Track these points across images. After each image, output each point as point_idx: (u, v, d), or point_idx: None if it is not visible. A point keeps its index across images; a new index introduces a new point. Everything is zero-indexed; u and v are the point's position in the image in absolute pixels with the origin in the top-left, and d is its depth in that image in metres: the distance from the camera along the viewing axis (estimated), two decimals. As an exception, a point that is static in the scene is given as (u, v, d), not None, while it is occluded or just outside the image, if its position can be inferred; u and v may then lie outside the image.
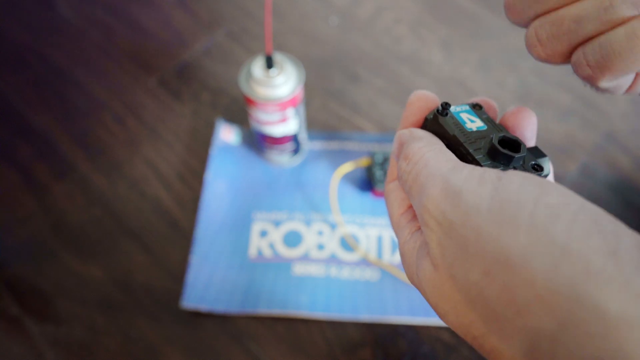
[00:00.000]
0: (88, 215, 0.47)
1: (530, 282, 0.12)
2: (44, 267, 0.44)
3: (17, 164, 0.50)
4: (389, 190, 0.21)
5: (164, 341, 0.40)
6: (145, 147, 0.51)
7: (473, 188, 0.14)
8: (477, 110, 0.20)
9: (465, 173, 0.15)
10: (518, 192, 0.14)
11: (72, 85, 0.56)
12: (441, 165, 0.16)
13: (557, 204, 0.13)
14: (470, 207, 0.14)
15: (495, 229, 0.13)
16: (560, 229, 0.12)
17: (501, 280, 0.13)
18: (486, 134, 0.18)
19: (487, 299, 0.13)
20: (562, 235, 0.12)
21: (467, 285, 0.14)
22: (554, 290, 0.12)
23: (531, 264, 0.12)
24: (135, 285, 0.43)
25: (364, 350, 0.40)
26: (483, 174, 0.15)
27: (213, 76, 0.56)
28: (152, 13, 0.62)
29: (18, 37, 0.60)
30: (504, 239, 0.13)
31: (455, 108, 0.20)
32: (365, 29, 0.60)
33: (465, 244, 0.14)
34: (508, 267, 0.13)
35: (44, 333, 0.41)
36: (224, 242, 0.44)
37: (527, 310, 0.12)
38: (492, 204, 0.14)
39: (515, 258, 0.13)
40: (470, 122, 0.19)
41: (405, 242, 0.18)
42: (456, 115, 0.19)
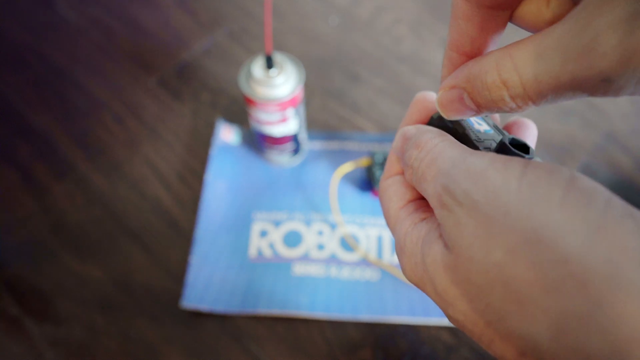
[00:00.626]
0: (88, 216, 0.47)
1: (563, 260, 0.12)
2: (44, 267, 0.44)
3: (16, 164, 0.50)
4: (386, 186, 0.20)
5: (163, 341, 0.40)
6: (145, 147, 0.51)
7: (499, 168, 0.14)
8: (484, 117, 0.20)
9: (489, 156, 0.15)
10: (548, 176, 0.13)
11: (71, 85, 0.56)
12: (460, 149, 0.16)
13: (589, 188, 0.13)
14: (498, 187, 0.14)
15: (526, 208, 0.13)
16: (595, 209, 0.12)
17: (529, 258, 0.12)
18: (493, 136, 0.19)
19: (510, 279, 0.13)
20: (597, 216, 0.12)
21: (487, 266, 0.13)
22: (589, 268, 0.11)
23: (565, 241, 0.12)
24: (135, 285, 0.43)
25: (364, 351, 0.40)
26: (507, 160, 0.14)
27: (213, 76, 0.56)
28: (152, 13, 0.62)
29: (18, 37, 0.60)
30: (536, 217, 0.13)
31: None
32: (365, 29, 0.60)
33: (490, 223, 0.13)
34: (539, 244, 0.12)
35: (44, 333, 0.41)
36: (224, 242, 0.44)
37: (558, 289, 0.12)
38: (522, 184, 0.13)
39: (547, 234, 0.12)
40: (478, 125, 0.19)
41: (406, 233, 0.18)
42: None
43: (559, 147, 0.50)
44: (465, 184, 0.14)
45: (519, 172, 0.14)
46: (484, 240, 0.13)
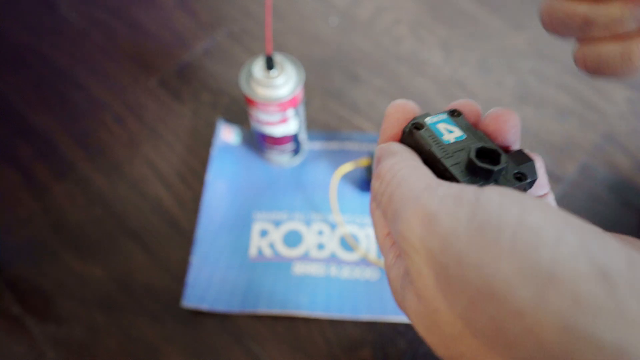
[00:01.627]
0: (88, 215, 0.47)
1: (517, 315, 0.11)
2: (45, 267, 0.44)
3: (17, 164, 0.50)
4: (372, 210, 0.20)
5: (164, 341, 0.40)
6: (146, 147, 0.51)
7: (449, 210, 0.13)
8: (455, 118, 0.19)
9: (440, 193, 0.14)
10: (498, 213, 0.13)
11: (72, 85, 0.56)
12: (415, 186, 0.15)
13: (539, 224, 0.12)
14: (448, 232, 0.13)
15: (476, 256, 0.12)
16: (545, 253, 0.12)
17: (488, 312, 0.12)
18: (465, 144, 0.17)
19: (476, 331, 0.13)
20: (547, 261, 0.12)
21: (453, 318, 0.13)
22: (544, 323, 0.11)
23: (517, 295, 0.12)
24: (135, 285, 0.43)
25: (364, 350, 0.40)
26: (459, 194, 0.14)
27: (213, 76, 0.56)
28: (152, 13, 0.62)
29: (19, 38, 0.60)
30: (486, 267, 0.12)
31: (432, 119, 0.19)
32: (365, 30, 0.60)
33: (447, 273, 0.13)
34: (493, 298, 0.12)
35: (45, 333, 0.41)
36: (225, 241, 0.45)
37: (519, 344, 0.12)
38: (470, 228, 0.13)
39: (499, 288, 0.12)
40: (448, 133, 0.18)
41: (390, 267, 0.17)
42: (432, 127, 0.18)
43: (558, 147, 0.51)
44: (419, 231, 0.14)
45: (469, 213, 0.13)
46: (445, 292, 0.13)
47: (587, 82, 0.55)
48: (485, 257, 0.12)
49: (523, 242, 0.12)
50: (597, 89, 0.54)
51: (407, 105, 0.19)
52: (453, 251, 0.13)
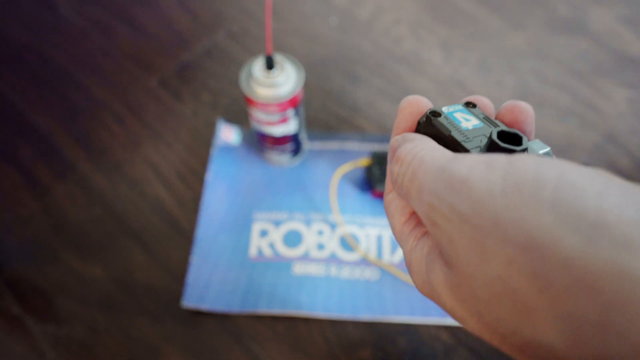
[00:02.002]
0: (89, 215, 0.47)
1: (565, 265, 0.11)
2: (45, 267, 0.44)
3: (18, 164, 0.50)
4: (388, 202, 0.20)
5: (164, 341, 0.40)
6: (146, 147, 0.51)
7: (481, 174, 0.13)
8: (471, 108, 0.19)
9: (468, 161, 0.14)
10: (535, 173, 0.12)
11: (72, 85, 0.56)
12: (438, 159, 0.15)
13: (580, 180, 0.12)
14: (481, 195, 0.13)
15: (515, 213, 0.12)
16: (590, 203, 0.11)
17: (529, 268, 0.11)
18: (484, 131, 0.17)
19: (515, 292, 0.12)
20: (593, 209, 0.11)
21: (489, 281, 0.13)
22: (594, 270, 0.11)
23: (564, 244, 0.11)
24: (135, 285, 0.43)
25: (364, 350, 0.40)
26: (490, 160, 0.13)
27: (213, 76, 0.56)
28: (152, 14, 0.62)
29: (19, 38, 0.60)
30: (526, 222, 0.12)
31: (448, 108, 0.19)
32: (365, 30, 0.60)
33: (482, 236, 0.13)
34: (536, 251, 0.11)
35: (45, 332, 0.41)
36: (225, 241, 0.45)
37: (566, 298, 0.11)
38: (506, 188, 0.12)
39: (543, 240, 0.11)
40: (466, 121, 0.18)
41: (411, 250, 0.17)
42: (450, 116, 0.18)
43: (559, 147, 0.51)
44: (450, 198, 0.13)
45: (502, 174, 0.13)
46: (481, 254, 0.13)
47: (587, 82, 0.55)
48: (525, 212, 0.12)
49: (566, 195, 0.12)
50: (597, 89, 0.54)
51: (421, 100, 0.19)
52: (488, 212, 0.12)
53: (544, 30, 0.59)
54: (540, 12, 0.61)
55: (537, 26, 0.60)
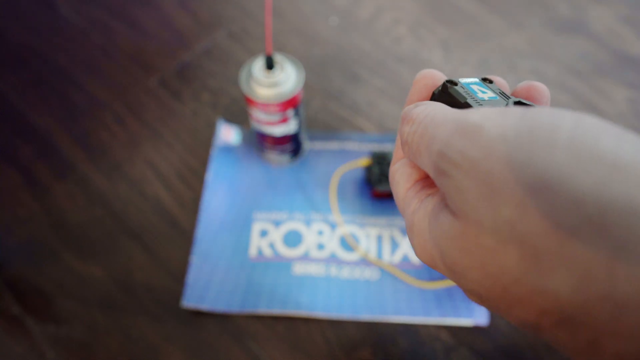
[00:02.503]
0: (88, 215, 0.47)
1: (577, 204, 0.11)
2: (45, 267, 0.44)
3: (18, 164, 0.50)
4: (393, 171, 0.19)
5: (164, 341, 0.40)
6: (146, 147, 0.51)
7: (495, 121, 0.13)
8: (487, 83, 0.19)
9: (482, 110, 0.14)
10: (550, 120, 0.12)
11: (72, 85, 0.56)
12: (451, 114, 0.15)
13: (598, 125, 0.12)
14: (494, 138, 0.12)
15: (527, 154, 0.12)
16: (606, 144, 0.11)
17: (540, 208, 0.11)
18: (499, 103, 0.17)
19: (523, 235, 0.12)
20: (609, 150, 0.11)
21: (497, 225, 0.12)
22: (608, 210, 0.10)
23: (577, 183, 0.11)
24: (135, 285, 0.43)
25: (364, 350, 0.40)
26: (505, 109, 0.13)
27: (213, 76, 0.56)
28: (152, 13, 0.62)
29: (19, 38, 0.60)
30: (540, 162, 0.11)
31: (465, 80, 0.19)
32: (365, 30, 0.60)
33: (492, 179, 0.12)
34: (548, 191, 0.11)
35: (45, 332, 0.41)
36: (225, 241, 0.45)
37: (576, 237, 0.11)
38: (521, 130, 0.12)
39: (555, 180, 0.11)
40: (482, 93, 0.18)
41: (413, 212, 0.17)
42: (466, 86, 0.18)
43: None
44: (460, 143, 0.13)
45: (517, 120, 0.12)
46: (489, 199, 0.12)
47: (587, 82, 0.55)
48: (539, 153, 0.12)
49: (582, 137, 0.11)
50: (597, 89, 0.54)
51: (436, 73, 0.19)
52: (499, 155, 0.12)
53: (544, 29, 0.59)
54: (541, 12, 0.61)
55: (537, 26, 0.60)
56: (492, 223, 0.12)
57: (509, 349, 0.39)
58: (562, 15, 0.60)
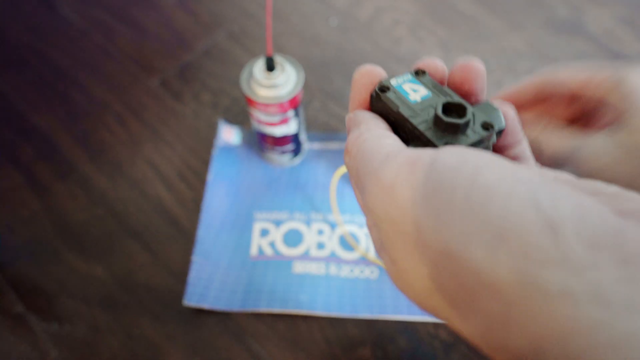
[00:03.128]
0: (90, 215, 0.47)
1: (473, 271, 0.12)
2: (47, 266, 0.44)
3: (19, 164, 0.50)
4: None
5: (165, 339, 0.41)
6: (147, 147, 0.51)
7: (405, 179, 0.14)
8: (420, 77, 0.19)
9: (397, 163, 0.15)
10: (451, 175, 0.13)
11: (73, 85, 0.56)
12: (376, 157, 0.16)
13: (491, 181, 0.12)
14: (405, 201, 0.14)
15: (432, 220, 0.13)
16: (495, 209, 0.12)
17: (449, 270, 0.13)
18: (432, 102, 0.18)
19: (442, 287, 0.13)
20: (496, 216, 0.12)
21: (421, 278, 0.14)
22: (496, 277, 0.12)
23: (471, 252, 0.12)
24: (137, 284, 0.43)
25: (364, 349, 0.40)
26: (415, 160, 0.14)
27: (214, 77, 0.56)
28: (153, 14, 0.62)
29: (20, 38, 0.60)
30: (442, 231, 0.13)
31: (397, 80, 0.19)
32: (365, 31, 0.60)
33: (410, 240, 0.14)
34: (450, 257, 0.13)
35: (47, 331, 0.41)
36: (226, 241, 0.45)
37: (477, 297, 0.12)
38: (426, 193, 0.13)
39: (454, 247, 0.12)
40: (414, 93, 0.18)
41: (370, 228, 0.18)
42: (398, 89, 0.18)
43: (556, 147, 0.51)
44: (381, 203, 0.14)
45: (423, 178, 0.14)
46: (411, 256, 0.14)
47: (585, 82, 0.55)
48: (441, 220, 0.13)
49: (475, 201, 0.12)
50: (595, 90, 0.54)
51: (373, 70, 0.19)
52: (411, 219, 0.14)
53: (542, 30, 0.60)
54: (539, 13, 0.61)
55: (536, 27, 0.60)
56: (418, 275, 0.14)
57: (507, 347, 0.40)
58: (560, 16, 0.61)
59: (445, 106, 0.17)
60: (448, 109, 0.17)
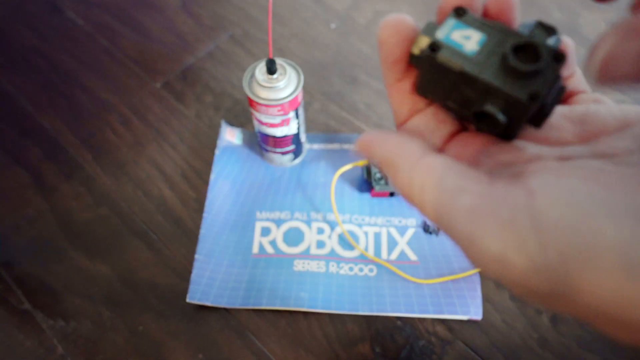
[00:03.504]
0: (95, 214, 0.48)
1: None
2: (53, 265, 0.45)
3: (26, 164, 0.51)
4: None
5: (168, 336, 0.41)
6: (150, 148, 0.52)
7: (517, 250, 0.12)
8: (464, 18, 0.16)
9: (494, 225, 0.12)
10: (568, 240, 0.12)
11: (79, 88, 0.57)
12: (453, 218, 0.14)
13: (612, 240, 0.11)
14: (522, 272, 0.12)
15: (556, 287, 0.12)
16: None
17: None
18: (490, 46, 0.15)
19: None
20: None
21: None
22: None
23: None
24: (140, 281, 0.44)
25: (363, 345, 0.41)
26: (513, 220, 0.12)
27: (216, 79, 0.57)
28: (157, 18, 0.63)
29: (28, 42, 0.61)
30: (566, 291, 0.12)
31: (442, 31, 0.15)
32: (364, 34, 0.61)
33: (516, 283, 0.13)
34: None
35: (53, 328, 0.42)
36: (228, 239, 0.46)
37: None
38: (550, 258, 0.12)
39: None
40: (467, 40, 0.15)
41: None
42: (449, 42, 0.15)
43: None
44: (493, 272, 0.13)
45: (537, 249, 0.12)
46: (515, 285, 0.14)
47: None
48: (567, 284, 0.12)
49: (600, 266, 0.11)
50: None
51: (403, 21, 0.16)
52: (532, 286, 0.12)
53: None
54: (535, 17, 0.62)
55: (532, 30, 0.60)
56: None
57: (503, 342, 0.40)
58: (555, 19, 0.62)
59: (515, 49, 0.14)
60: (518, 51, 0.14)
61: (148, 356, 0.40)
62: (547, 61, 0.14)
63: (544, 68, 0.14)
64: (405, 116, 0.18)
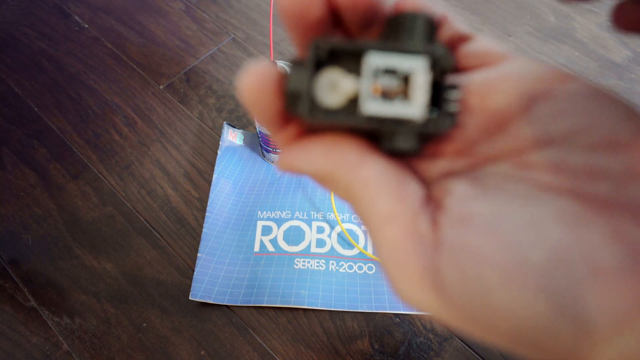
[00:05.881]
0: (101, 213, 0.47)
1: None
2: (59, 263, 0.44)
3: (34, 164, 0.50)
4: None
5: (172, 332, 0.41)
6: (154, 148, 0.51)
7: (428, 301, 0.11)
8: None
9: (411, 277, 0.11)
10: (463, 300, 0.11)
11: (86, 90, 0.56)
12: (390, 263, 0.12)
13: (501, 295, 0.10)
14: (433, 312, 0.12)
15: (459, 320, 0.12)
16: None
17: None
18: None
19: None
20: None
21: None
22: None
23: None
24: (144, 279, 0.43)
25: (362, 341, 0.40)
26: (435, 276, 0.11)
27: (219, 81, 0.56)
28: (161, 22, 0.62)
29: (36, 45, 0.60)
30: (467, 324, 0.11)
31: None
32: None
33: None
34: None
35: (60, 324, 0.41)
36: (230, 238, 0.45)
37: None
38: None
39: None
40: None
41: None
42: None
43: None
44: (409, 305, 0.12)
45: (442, 302, 0.11)
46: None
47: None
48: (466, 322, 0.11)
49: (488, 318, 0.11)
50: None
51: (263, 76, 0.11)
52: (442, 317, 0.12)
53: (533, 38, 0.59)
54: (530, 21, 0.61)
55: (527, 34, 0.60)
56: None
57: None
58: (549, 24, 0.61)
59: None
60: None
61: (152, 352, 0.40)
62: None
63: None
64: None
